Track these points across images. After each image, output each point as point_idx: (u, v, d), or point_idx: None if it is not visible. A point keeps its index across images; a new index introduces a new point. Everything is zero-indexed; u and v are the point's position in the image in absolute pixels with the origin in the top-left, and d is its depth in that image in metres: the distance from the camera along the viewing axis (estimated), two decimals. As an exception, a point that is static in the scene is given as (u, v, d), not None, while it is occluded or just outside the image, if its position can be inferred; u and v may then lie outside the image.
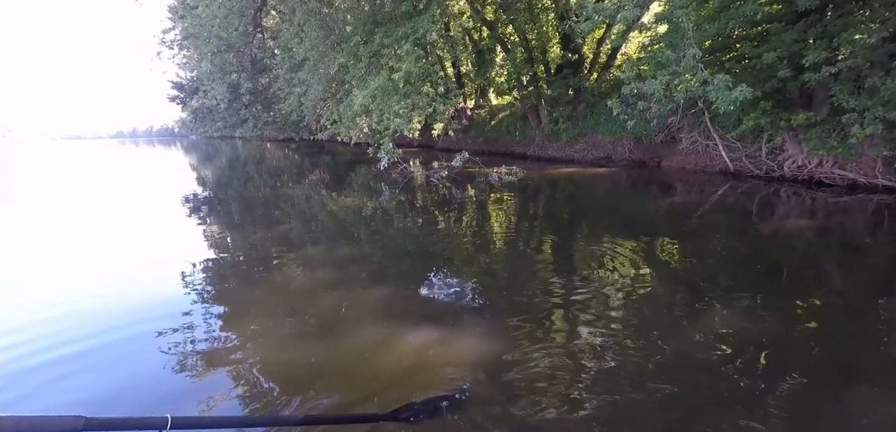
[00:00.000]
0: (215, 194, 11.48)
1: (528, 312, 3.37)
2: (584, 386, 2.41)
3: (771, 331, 2.95)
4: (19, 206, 10.53)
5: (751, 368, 2.53)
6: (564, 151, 14.39)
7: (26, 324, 3.58)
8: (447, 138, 18.15)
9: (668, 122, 11.58)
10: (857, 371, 2.52)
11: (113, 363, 2.96)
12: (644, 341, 2.87)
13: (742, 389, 2.34)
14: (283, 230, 6.85)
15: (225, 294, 4.23)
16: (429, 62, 11.87)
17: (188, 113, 43.48)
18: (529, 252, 5.30)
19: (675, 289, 3.84)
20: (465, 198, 8.83)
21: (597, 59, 15.15)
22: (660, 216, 6.99)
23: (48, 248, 6.25)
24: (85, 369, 2.86)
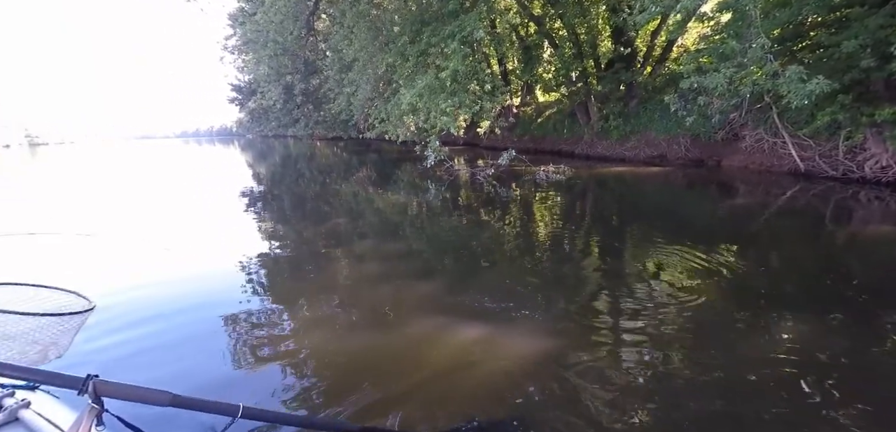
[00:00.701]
0: (269, 190, 12.04)
1: (573, 317, 3.27)
2: (631, 399, 2.28)
3: (842, 353, 2.64)
4: (106, 199, 11.51)
5: (815, 393, 2.28)
6: (615, 149, 13.87)
7: (111, 302, 3.91)
8: (493, 136, 18.02)
9: (731, 118, 10.86)
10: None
11: (180, 342, 3.17)
12: (697, 354, 2.68)
13: (803, 415, 2.12)
14: (332, 225, 7.06)
15: (278, 284, 4.40)
16: (475, 60, 11.83)
17: (245, 113, 45.85)
18: (577, 253, 5.14)
19: (733, 300, 3.55)
20: (512, 197, 8.71)
21: (651, 52, 14.48)
22: (718, 219, 6.57)
23: (130, 236, 6.78)
24: (156, 346, 3.09)
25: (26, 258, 4.99)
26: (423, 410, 2.23)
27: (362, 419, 2.14)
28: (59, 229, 7.42)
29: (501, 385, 2.42)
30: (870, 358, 2.63)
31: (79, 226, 7.92)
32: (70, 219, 8.67)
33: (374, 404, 2.29)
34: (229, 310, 3.56)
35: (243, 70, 35.09)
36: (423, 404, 2.28)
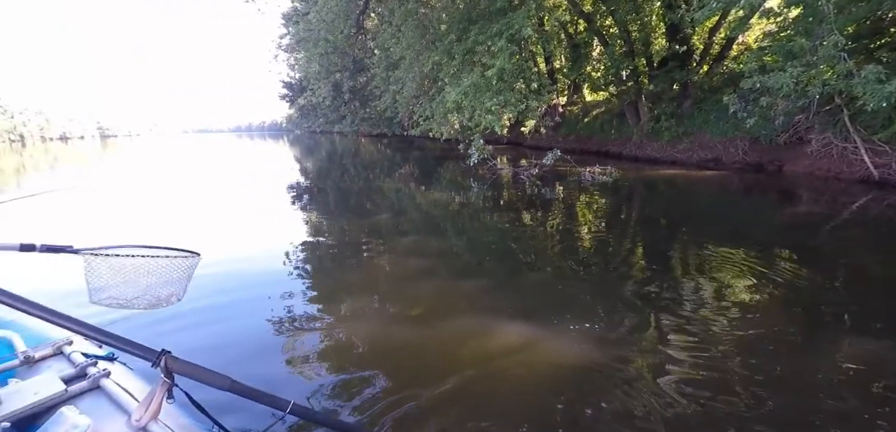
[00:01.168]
0: (316, 184, 12.50)
1: (618, 323, 3.19)
2: (676, 412, 2.21)
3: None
4: (166, 189, 12.37)
5: (879, 421, 2.14)
6: (666, 151, 13.35)
7: None
8: (537, 136, 17.81)
9: (795, 121, 10.18)
10: None
11: (224, 322, 3.41)
12: (749, 370, 2.56)
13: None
14: (375, 220, 7.26)
15: (322, 276, 4.61)
16: (522, 58, 11.75)
17: (295, 109, 47.73)
18: (623, 257, 5.01)
19: (792, 314, 3.34)
20: (556, 198, 8.61)
21: (709, 49, 13.81)
22: (778, 227, 6.20)
23: (187, 223, 7.28)
24: (204, 323, 3.35)
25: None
26: (464, 415, 2.25)
27: (402, 420, 2.18)
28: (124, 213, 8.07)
29: (544, 391, 2.42)
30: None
31: (150, 211, 8.56)
32: (137, 206, 9.38)
33: (413, 404, 2.32)
34: (275, 299, 3.77)
35: (294, 67, 36.51)
36: (465, 408, 2.30)
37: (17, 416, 1.36)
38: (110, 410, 1.44)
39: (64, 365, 1.66)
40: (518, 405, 2.31)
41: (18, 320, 2.08)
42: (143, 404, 1.36)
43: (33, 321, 2.08)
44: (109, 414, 1.43)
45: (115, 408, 1.45)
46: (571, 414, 2.22)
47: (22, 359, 1.64)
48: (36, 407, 1.40)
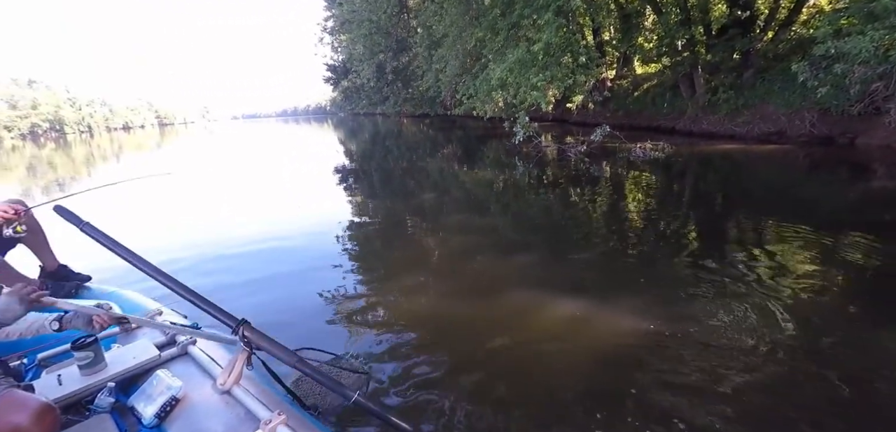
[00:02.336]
0: (360, 166, 12.84)
1: (670, 302, 3.12)
2: (732, 393, 2.16)
3: None
4: (221, 174, 13.14)
5: None
6: (723, 125, 12.63)
7: (221, 254, 4.64)
8: (583, 112, 17.33)
9: (872, 89, 9.34)
10: None
11: (278, 294, 3.66)
12: (813, 353, 2.46)
13: None
14: (420, 200, 7.42)
15: (370, 255, 4.81)
16: (570, 31, 11.41)
17: (338, 92, 48.70)
18: (676, 235, 4.87)
19: (863, 296, 3.16)
20: (605, 175, 8.42)
21: (775, 14, 12.82)
22: (848, 204, 5.79)
23: (240, 205, 7.75)
24: (256, 291, 3.65)
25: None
26: (513, 391, 2.28)
27: (455, 397, 2.22)
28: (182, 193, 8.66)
29: (591, 368, 2.44)
30: None
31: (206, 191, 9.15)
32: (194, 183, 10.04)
33: (465, 380, 2.37)
34: (328, 277, 3.95)
35: (338, 50, 37.16)
36: (514, 384, 2.34)
37: (120, 377, 1.56)
38: (198, 374, 1.61)
39: (156, 334, 1.87)
40: (565, 381, 2.34)
41: (116, 292, 2.36)
42: (227, 370, 1.50)
43: (129, 293, 2.35)
44: (197, 377, 1.59)
45: (201, 373, 1.61)
46: (620, 390, 2.24)
47: (120, 329, 1.86)
48: (135, 369, 1.61)
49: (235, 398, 1.44)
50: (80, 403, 1.48)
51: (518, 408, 2.13)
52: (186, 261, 4.59)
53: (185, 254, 4.84)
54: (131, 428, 1.39)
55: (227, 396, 1.46)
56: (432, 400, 2.22)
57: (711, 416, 1.99)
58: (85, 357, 1.54)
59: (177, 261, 4.57)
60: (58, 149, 31.68)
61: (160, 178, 9.33)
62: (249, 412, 1.37)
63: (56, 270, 2.45)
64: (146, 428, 1.37)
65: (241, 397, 1.43)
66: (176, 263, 4.46)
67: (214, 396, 1.48)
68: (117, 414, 1.44)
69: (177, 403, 1.43)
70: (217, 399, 1.46)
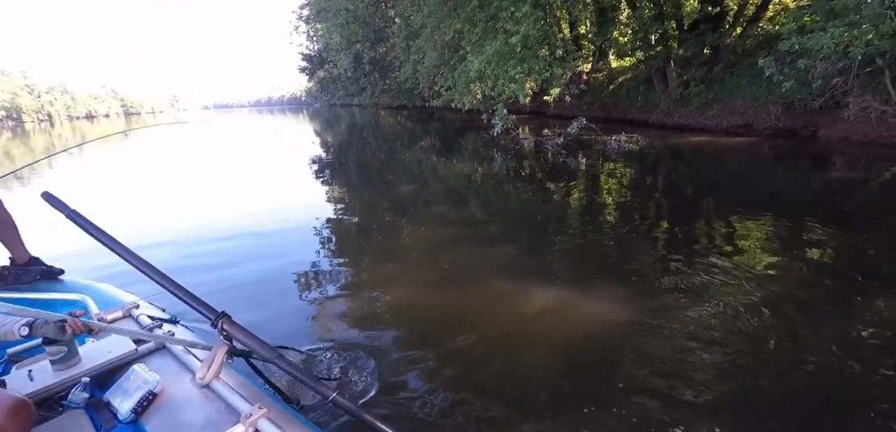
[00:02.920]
0: (337, 157, 12.65)
1: (644, 290, 3.22)
2: (704, 374, 2.26)
3: None
4: (194, 167, 12.76)
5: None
6: (694, 118, 13.00)
7: (195, 248, 4.54)
8: (560, 105, 17.52)
9: (833, 84, 9.78)
10: None
11: (255, 288, 3.61)
12: (778, 333, 2.59)
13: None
14: (398, 192, 7.39)
15: (348, 247, 4.75)
16: (547, 24, 11.51)
17: (314, 82, 47.85)
18: (649, 225, 5.01)
19: (822, 279, 3.35)
20: (581, 167, 8.57)
21: (743, 10, 13.24)
22: (811, 194, 6.08)
23: (215, 197, 7.57)
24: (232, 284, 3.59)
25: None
26: (493, 380, 2.32)
27: (433, 385, 2.24)
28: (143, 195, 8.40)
29: (569, 355, 2.49)
30: None
31: (171, 190, 8.90)
32: (158, 182, 9.74)
33: (443, 372, 2.38)
34: (305, 269, 3.91)
35: (314, 39, 36.45)
36: (493, 374, 2.37)
37: (95, 372, 1.51)
38: (176, 368, 1.56)
39: (133, 327, 1.81)
40: (544, 369, 2.40)
41: (92, 286, 2.28)
42: (206, 363, 1.46)
43: (105, 287, 2.28)
44: (175, 371, 1.54)
45: (180, 367, 1.57)
46: (596, 375, 2.32)
47: (96, 331, 1.83)
48: (111, 363, 1.56)
49: (215, 392, 1.41)
50: (53, 399, 1.43)
51: (497, 398, 2.17)
52: (161, 253, 4.47)
53: (159, 246, 4.71)
54: (107, 424, 1.34)
55: (206, 390, 1.43)
56: (412, 390, 2.24)
57: (683, 394, 2.09)
58: (57, 351, 1.49)
59: (150, 252, 4.44)
60: (14, 137, 30.12)
61: (137, 169, 9.01)
62: (229, 406, 1.34)
63: (27, 262, 2.35)
64: (122, 423, 1.33)
65: (221, 391, 1.40)
66: (149, 254, 4.33)
67: (193, 390, 1.44)
68: (92, 410, 1.39)
69: (154, 398, 1.40)
70: (196, 393, 1.42)
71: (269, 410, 1.29)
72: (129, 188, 8.26)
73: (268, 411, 1.28)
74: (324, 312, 3.17)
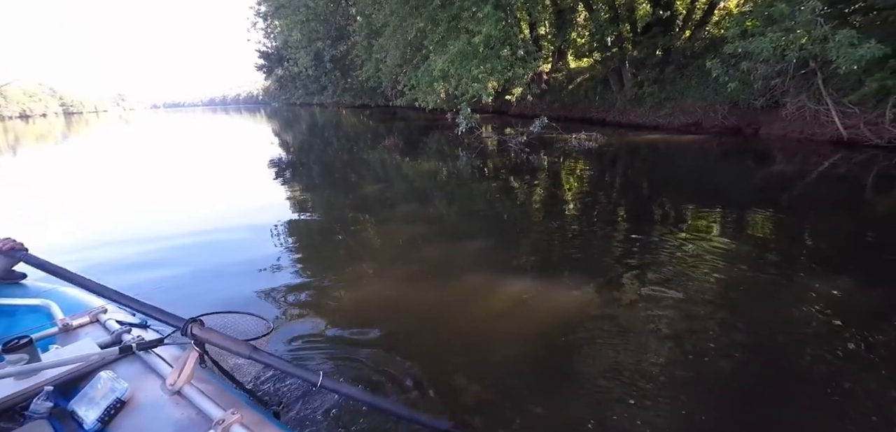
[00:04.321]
0: (298, 158, 12.31)
1: (606, 280, 3.38)
2: (663, 356, 2.43)
3: (877, 314, 2.77)
4: (141, 170, 12.13)
5: (846, 349, 2.41)
6: (648, 117, 13.63)
7: (149, 256, 4.32)
8: (522, 104, 17.89)
9: (772, 85, 10.52)
10: None
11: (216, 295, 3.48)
12: (729, 314, 2.80)
13: (834, 368, 2.26)
14: (362, 192, 7.30)
15: (311, 250, 4.63)
16: (509, 24, 11.71)
17: (272, 81, 46.46)
18: (609, 219, 5.24)
19: (766, 264, 3.63)
20: (544, 164, 8.80)
21: (691, 15, 13.98)
22: (754, 187, 6.53)
23: (171, 202, 7.25)
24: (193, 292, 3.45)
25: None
26: (466, 371, 2.36)
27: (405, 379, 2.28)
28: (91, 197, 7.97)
29: (538, 343, 2.59)
30: (908, 315, 2.73)
31: (112, 194, 8.46)
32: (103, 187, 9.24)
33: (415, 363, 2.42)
34: (266, 277, 3.72)
35: (271, 36, 35.38)
36: (465, 365, 2.42)
37: (58, 380, 1.43)
38: (146, 375, 1.50)
39: (100, 333, 1.74)
40: (513, 354, 2.49)
41: (56, 290, 2.15)
42: (176, 369, 1.42)
43: (70, 290, 2.15)
44: (145, 378, 1.48)
45: (150, 373, 1.51)
46: (562, 360, 2.43)
47: (61, 327, 1.72)
48: (76, 371, 1.48)
49: (186, 398, 1.37)
50: (14, 410, 1.35)
51: (471, 384, 2.22)
52: (115, 260, 4.24)
53: (112, 252, 4.47)
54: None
55: (177, 397, 1.38)
56: (385, 383, 2.26)
57: (643, 372, 2.23)
58: (18, 359, 1.40)
59: (104, 259, 4.21)
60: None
61: (78, 174, 8.46)
62: (201, 412, 1.31)
63: None
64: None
65: (193, 397, 1.36)
66: (103, 260, 4.11)
67: (163, 397, 1.39)
68: (56, 420, 1.33)
69: (122, 406, 1.35)
70: (166, 400, 1.38)
71: (243, 415, 1.28)
72: (71, 195, 7.76)
73: (241, 416, 1.26)
74: (292, 315, 3.11)
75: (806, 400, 2.07)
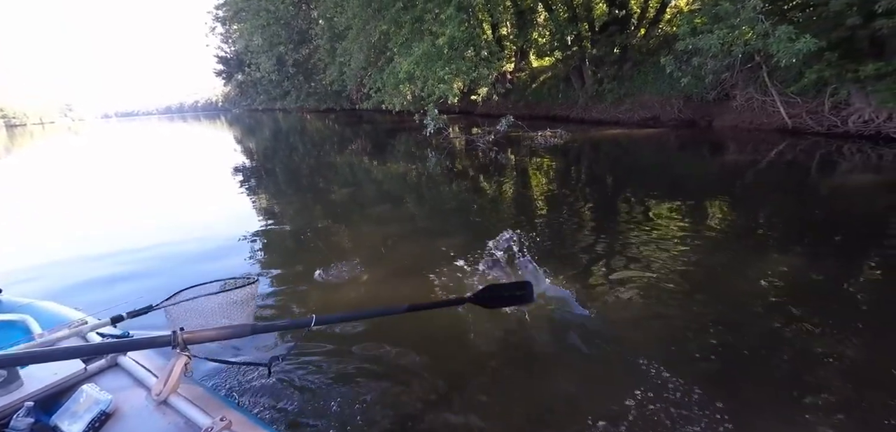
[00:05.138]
0: (262, 165, 11.99)
1: (577, 269, 3.53)
2: (631, 335, 2.58)
3: (824, 284, 3.02)
4: (98, 185, 11.56)
5: (799, 317, 2.62)
6: (609, 113, 14.10)
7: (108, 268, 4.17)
8: (487, 103, 18.11)
9: (722, 79, 11.11)
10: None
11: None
12: (692, 293, 2.99)
13: (789, 335, 2.46)
14: (331, 197, 7.22)
15: (280, 255, 4.56)
16: (472, 26, 11.86)
17: (233, 87, 45.11)
18: (577, 212, 5.42)
19: (724, 246, 3.88)
20: (512, 162, 8.97)
21: (645, 13, 14.56)
22: (710, 176, 6.90)
23: (131, 214, 6.96)
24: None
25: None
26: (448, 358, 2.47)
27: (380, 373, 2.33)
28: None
29: (513, 331, 2.70)
30: (847, 288, 2.99)
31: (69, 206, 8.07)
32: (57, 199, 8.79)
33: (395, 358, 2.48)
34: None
35: (229, 41, 34.40)
36: (447, 353, 2.52)
37: (39, 396, 1.39)
38: (130, 385, 1.48)
39: (81, 345, 1.66)
40: (487, 346, 2.58)
41: (32, 304, 2.08)
42: (162, 378, 1.40)
43: (47, 304, 2.08)
44: (130, 389, 1.46)
45: (134, 384, 1.49)
46: (539, 342, 2.56)
47: (39, 342, 1.65)
48: (57, 386, 1.44)
49: (173, 407, 1.35)
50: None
51: (451, 374, 2.29)
52: (81, 275, 4.05)
53: (76, 264, 4.26)
54: None
55: (163, 406, 1.36)
56: (364, 381, 2.29)
57: (612, 351, 2.37)
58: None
59: (55, 283, 4.01)
60: None
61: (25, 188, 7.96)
62: (189, 421, 1.30)
63: None
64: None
65: (180, 406, 1.34)
66: (54, 284, 3.92)
67: (149, 407, 1.37)
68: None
69: (107, 418, 1.32)
70: (152, 410, 1.36)
71: (232, 421, 1.27)
72: (16, 214, 7.32)
73: (230, 423, 1.26)
74: (263, 316, 3.08)
75: (760, 363, 2.25)
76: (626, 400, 2.02)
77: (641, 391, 2.07)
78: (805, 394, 2.00)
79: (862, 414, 1.88)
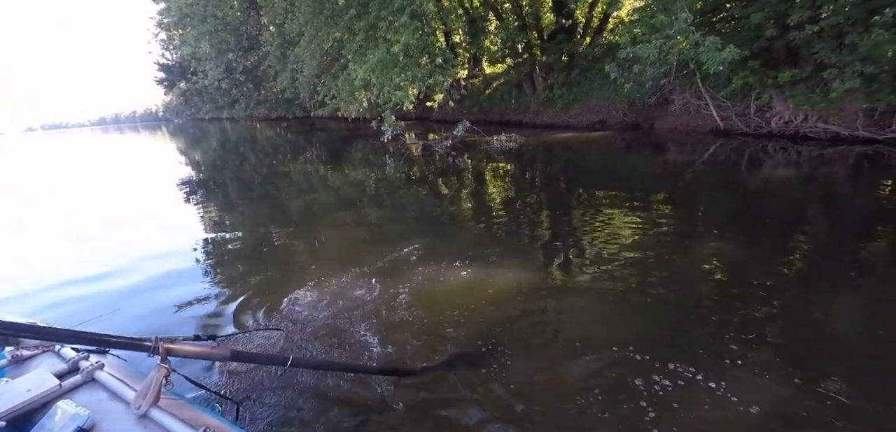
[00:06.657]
0: (212, 176, 11.52)
1: (533, 266, 3.77)
2: (586, 323, 2.81)
3: (757, 269, 3.37)
4: (37, 200, 10.69)
5: (737, 298, 2.97)
6: (560, 117, 14.68)
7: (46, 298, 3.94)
8: (443, 109, 18.33)
9: (661, 85, 11.89)
10: (835, 303, 2.97)
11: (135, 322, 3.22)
12: (641, 283, 3.27)
13: (730, 315, 2.78)
14: (287, 206, 7.12)
15: (234, 270, 4.41)
16: (425, 33, 12.01)
17: (176, 95, 42.82)
18: (532, 213, 5.67)
19: (668, 239, 4.21)
20: (469, 166, 9.17)
21: (589, 23, 15.30)
22: (653, 176, 7.40)
23: (70, 234, 6.53)
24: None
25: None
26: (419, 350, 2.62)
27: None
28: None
29: (481, 322, 2.86)
30: (777, 272, 3.35)
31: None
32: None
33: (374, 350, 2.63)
34: (190, 307, 3.51)
35: (170, 47, 32.72)
36: (420, 346, 2.66)
37: (13, 414, 1.34)
38: (108, 401, 1.42)
39: (55, 362, 1.62)
40: (460, 335, 2.72)
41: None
42: (141, 391, 1.37)
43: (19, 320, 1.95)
44: (108, 404, 1.41)
45: (112, 399, 1.43)
46: (502, 331, 2.72)
47: (10, 359, 1.59)
48: (30, 403, 1.38)
49: (154, 420, 1.32)
50: None
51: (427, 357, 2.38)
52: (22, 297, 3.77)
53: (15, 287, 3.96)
54: None
55: (144, 419, 1.33)
56: (342, 391, 2.33)
57: (573, 335, 2.55)
58: None
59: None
60: None
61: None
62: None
63: None
64: None
65: (161, 419, 1.31)
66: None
67: (129, 422, 1.33)
68: None
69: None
70: (132, 424, 1.32)
71: (214, 431, 1.28)
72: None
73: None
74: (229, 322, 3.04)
75: (709, 328, 2.59)
76: (591, 373, 2.25)
77: (603, 364, 2.30)
78: (747, 349, 2.36)
79: (791, 354, 2.29)
